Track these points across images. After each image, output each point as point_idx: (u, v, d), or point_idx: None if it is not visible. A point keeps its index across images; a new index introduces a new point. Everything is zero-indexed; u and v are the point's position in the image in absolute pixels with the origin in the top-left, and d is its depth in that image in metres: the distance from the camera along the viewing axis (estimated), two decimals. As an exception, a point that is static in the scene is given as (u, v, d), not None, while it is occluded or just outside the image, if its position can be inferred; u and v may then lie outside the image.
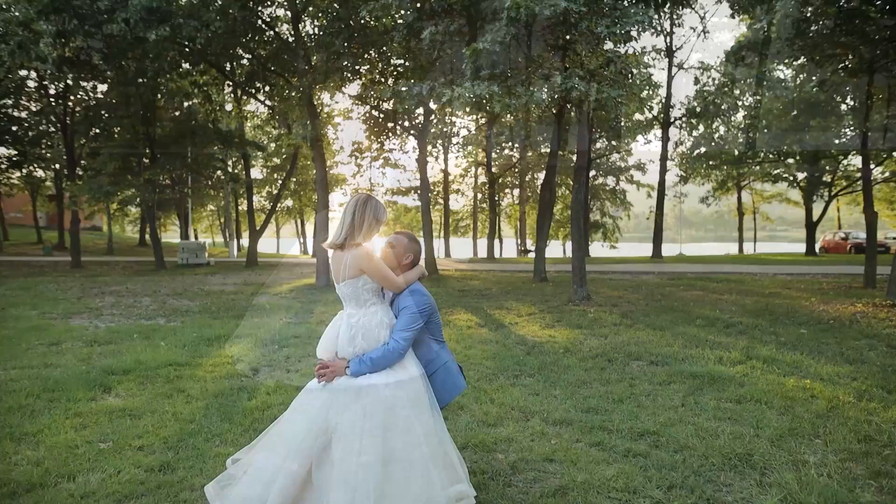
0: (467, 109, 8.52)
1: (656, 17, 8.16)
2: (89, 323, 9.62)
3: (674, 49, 23.44)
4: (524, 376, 5.70)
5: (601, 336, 7.60)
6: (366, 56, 14.52)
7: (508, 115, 24.54)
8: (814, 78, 11.54)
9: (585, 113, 10.06)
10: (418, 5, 10.59)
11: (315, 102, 18.19)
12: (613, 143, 32.18)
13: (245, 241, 33.50)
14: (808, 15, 8.55)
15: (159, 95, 18.68)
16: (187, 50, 14.32)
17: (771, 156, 25.60)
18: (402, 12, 12.22)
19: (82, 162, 26.01)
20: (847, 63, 10.47)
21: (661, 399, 4.74)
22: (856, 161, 27.21)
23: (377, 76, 15.78)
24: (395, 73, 15.72)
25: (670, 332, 7.74)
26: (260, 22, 15.11)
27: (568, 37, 8.58)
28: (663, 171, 24.35)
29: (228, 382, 5.59)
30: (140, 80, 17.23)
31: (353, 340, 2.81)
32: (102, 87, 19.75)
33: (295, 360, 6.65)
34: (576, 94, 7.92)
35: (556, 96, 8.52)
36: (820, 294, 11.16)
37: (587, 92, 8.00)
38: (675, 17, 19.99)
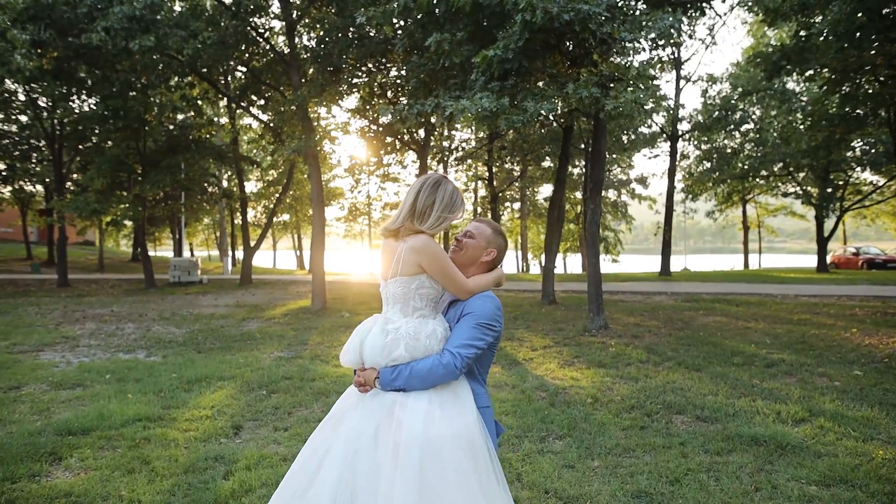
0: (472, 124, 7.73)
1: (682, 24, 7.39)
2: (61, 358, 8.76)
3: (681, 60, 22.81)
4: (552, 438, 4.85)
5: (630, 379, 6.75)
6: (363, 68, 13.78)
7: (510, 131, 23.88)
8: (839, 89, 10.79)
9: (603, 126, 9.31)
10: (419, 16, 9.89)
11: (311, 116, 17.45)
12: (615, 155, 31.53)
13: (241, 254, 32.64)
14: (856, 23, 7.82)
15: (149, 109, 17.87)
16: (177, 62, 13.56)
17: (782, 170, 24.94)
18: (404, 22, 11.55)
19: (73, 177, 25.21)
20: (884, 75, 9.76)
21: (727, 479, 3.90)
22: (864, 175, 26.62)
23: (376, 89, 15.05)
24: (394, 85, 14.99)
25: (707, 373, 6.90)
26: (253, 33, 14.38)
27: (587, 45, 7.85)
28: (671, 185, 23.62)
29: (204, 447, 4.73)
30: (129, 93, 16.48)
31: (388, 349, 2.10)
32: (91, 101, 18.93)
33: (284, 412, 5.78)
34: (589, 103, 7.13)
35: (568, 108, 7.74)
36: (857, 323, 10.34)
37: (603, 100, 7.22)
38: (687, 25, 19.35)
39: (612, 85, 7.44)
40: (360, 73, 13.71)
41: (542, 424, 5.14)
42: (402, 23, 12.27)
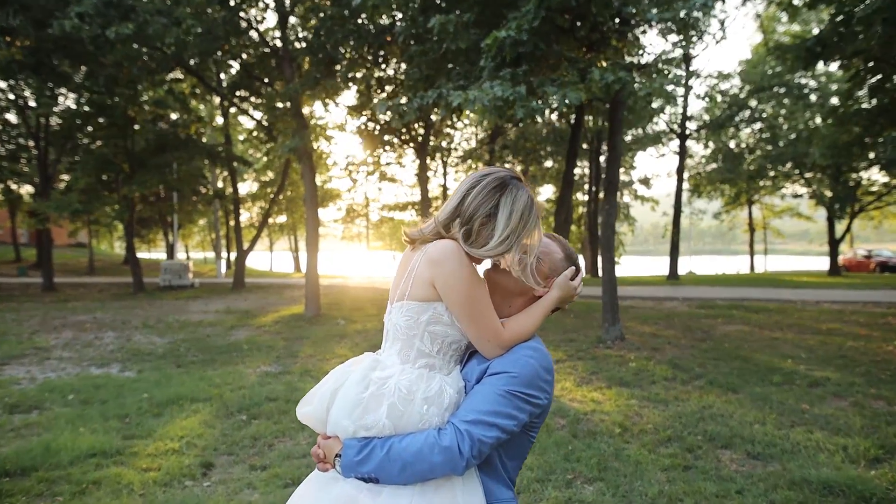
0: (482, 117, 6.92)
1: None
2: (25, 373, 7.96)
3: (691, 56, 22.03)
4: (580, 482, 4.07)
5: (659, 402, 5.97)
6: (360, 60, 12.98)
7: (511, 131, 23.12)
8: (868, 81, 10.08)
9: (619, 121, 8.54)
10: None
11: (307, 113, 16.66)
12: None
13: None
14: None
15: (132, 105, 17.00)
16: (161, 53, 12.75)
17: (792, 170, 24.18)
18: (401, 14, 10.79)
19: (62, 177, 24.33)
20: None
21: (810, 546, 3.12)
22: (876, 175, 25.85)
23: (373, 84, 14.24)
24: (393, 81, 14.21)
25: (746, 394, 6.12)
26: (243, 23, 13.58)
27: (603, 29, 7.09)
28: (680, 185, 22.85)
29: (163, 495, 3.94)
30: (115, 88, 15.67)
31: (362, 409, 1.32)
32: (75, 97, 18.09)
33: (264, 443, 5.00)
34: (617, 89, 6.35)
35: (590, 98, 6.96)
36: (895, 333, 9.57)
37: (631, 85, 6.45)
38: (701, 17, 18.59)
39: (641, 67, 6.69)
40: (356, 66, 12.93)
41: (567, 463, 4.35)
42: (399, 15, 11.53)
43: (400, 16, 11.59)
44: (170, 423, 5.55)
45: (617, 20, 6.85)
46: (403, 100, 9.08)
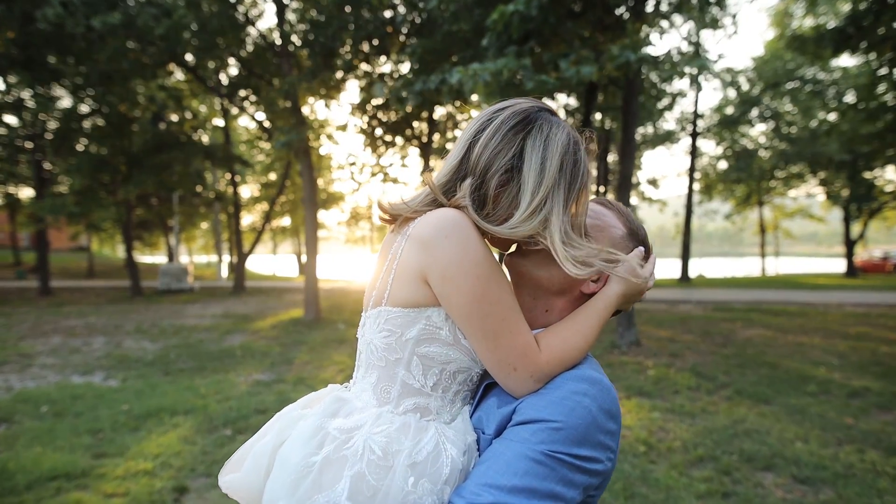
0: (487, 97, 6.38)
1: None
2: (2, 382, 7.49)
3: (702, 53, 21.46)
4: (604, 512, 3.53)
5: (685, 414, 5.42)
6: (360, 53, 12.49)
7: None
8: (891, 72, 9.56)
9: (634, 113, 8.00)
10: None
11: (307, 112, 16.21)
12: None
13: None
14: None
15: (124, 102, 16.57)
16: (153, 48, 12.28)
17: (806, 168, 23.55)
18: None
19: (63, 178, 23.96)
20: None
21: None
22: (890, 174, 25.18)
23: (374, 78, 13.76)
24: (392, 76, 13.73)
25: (780, 406, 5.56)
26: (240, 17, 13.12)
27: (616, 13, 6.58)
28: (691, 185, 22.26)
29: (124, 527, 3.43)
30: (109, 86, 15.23)
31: (311, 480, 0.78)
32: (71, 96, 17.68)
33: (247, 463, 4.47)
34: (636, 68, 5.82)
35: (605, 77, 6.42)
36: (929, 337, 9.00)
37: (651, 66, 5.93)
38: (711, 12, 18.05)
39: (655, 60, 6.18)
40: (356, 58, 12.43)
41: (588, 489, 3.81)
42: (403, 10, 11.06)
43: (403, 11, 11.14)
44: (146, 439, 5.05)
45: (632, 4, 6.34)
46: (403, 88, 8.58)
